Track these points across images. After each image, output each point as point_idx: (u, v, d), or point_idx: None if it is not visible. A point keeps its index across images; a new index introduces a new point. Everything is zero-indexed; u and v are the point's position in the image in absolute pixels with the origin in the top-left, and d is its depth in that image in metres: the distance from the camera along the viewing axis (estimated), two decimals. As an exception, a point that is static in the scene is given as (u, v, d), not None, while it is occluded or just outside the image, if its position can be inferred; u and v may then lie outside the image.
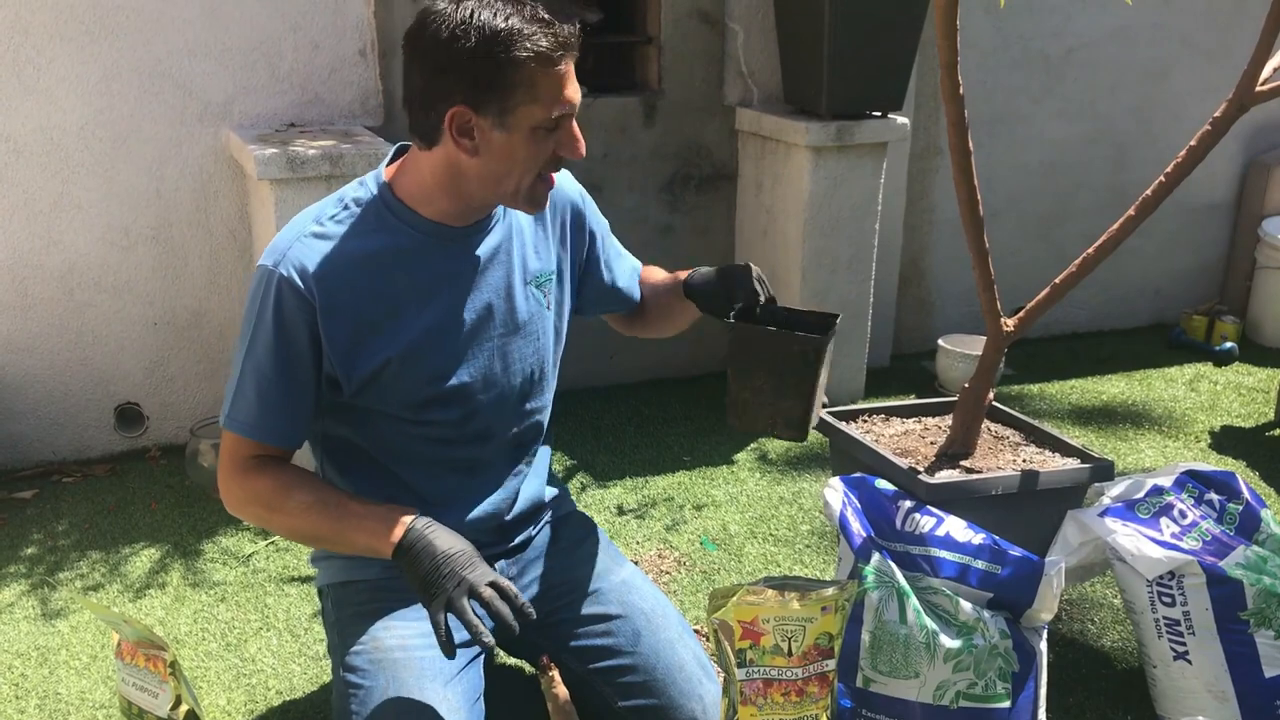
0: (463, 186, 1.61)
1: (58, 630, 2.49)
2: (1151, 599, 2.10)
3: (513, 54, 1.49)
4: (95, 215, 3.15)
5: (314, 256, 1.59)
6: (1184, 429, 3.61)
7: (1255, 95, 1.96)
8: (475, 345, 1.71)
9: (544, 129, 1.55)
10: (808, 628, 1.82)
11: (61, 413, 3.28)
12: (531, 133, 1.55)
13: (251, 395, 1.62)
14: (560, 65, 1.53)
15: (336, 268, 1.59)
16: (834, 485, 2.15)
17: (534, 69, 1.50)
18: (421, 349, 1.66)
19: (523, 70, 1.50)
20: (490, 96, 1.51)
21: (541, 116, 1.53)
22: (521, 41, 1.49)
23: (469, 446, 1.77)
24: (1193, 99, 4.31)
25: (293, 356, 1.60)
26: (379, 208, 1.64)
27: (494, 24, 1.49)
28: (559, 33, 1.52)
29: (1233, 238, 4.69)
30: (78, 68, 3.04)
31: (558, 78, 1.53)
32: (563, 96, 1.54)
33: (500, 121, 1.53)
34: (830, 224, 3.56)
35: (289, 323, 1.58)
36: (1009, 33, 4.04)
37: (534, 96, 1.52)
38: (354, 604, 1.79)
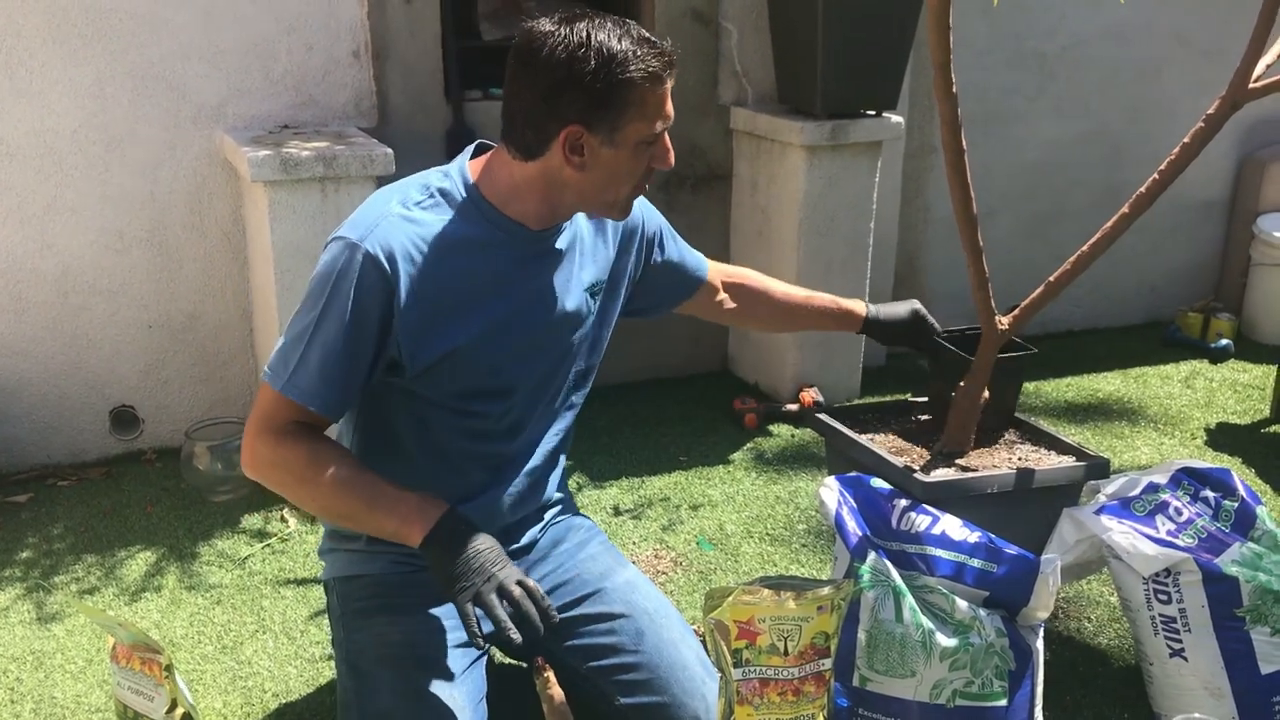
0: (557, 196, 1.67)
1: (53, 634, 2.49)
2: (1147, 596, 2.10)
3: (629, 74, 1.57)
4: (89, 218, 3.15)
5: (400, 238, 1.61)
6: (1180, 426, 3.61)
7: (1248, 92, 1.96)
8: (532, 344, 1.76)
9: (646, 143, 1.63)
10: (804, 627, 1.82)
11: (56, 416, 3.28)
12: (636, 148, 1.62)
13: (315, 365, 1.63)
14: (664, 85, 1.61)
15: (420, 252, 1.62)
16: (829, 484, 2.15)
17: (646, 88, 1.58)
18: (486, 342, 1.70)
19: (636, 90, 1.58)
20: (605, 115, 1.59)
21: (647, 132, 1.61)
22: (637, 63, 1.57)
23: (499, 441, 1.81)
24: (1187, 97, 4.31)
25: (362, 333, 1.62)
26: (464, 201, 1.68)
27: (611, 46, 1.56)
28: (664, 52, 1.61)
29: (1228, 234, 4.70)
30: (71, 70, 3.03)
31: (664, 95, 1.62)
32: (665, 112, 1.63)
33: (610, 139, 1.60)
34: (825, 223, 3.56)
35: (366, 300, 1.60)
36: (1003, 31, 4.04)
37: (643, 114, 1.60)
38: (360, 598, 1.80)
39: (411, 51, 3.38)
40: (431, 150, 3.43)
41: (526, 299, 1.73)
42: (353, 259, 1.59)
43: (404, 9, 3.33)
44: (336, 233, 1.64)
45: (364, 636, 1.74)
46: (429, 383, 1.70)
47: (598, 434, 3.47)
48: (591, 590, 1.86)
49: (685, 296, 2.12)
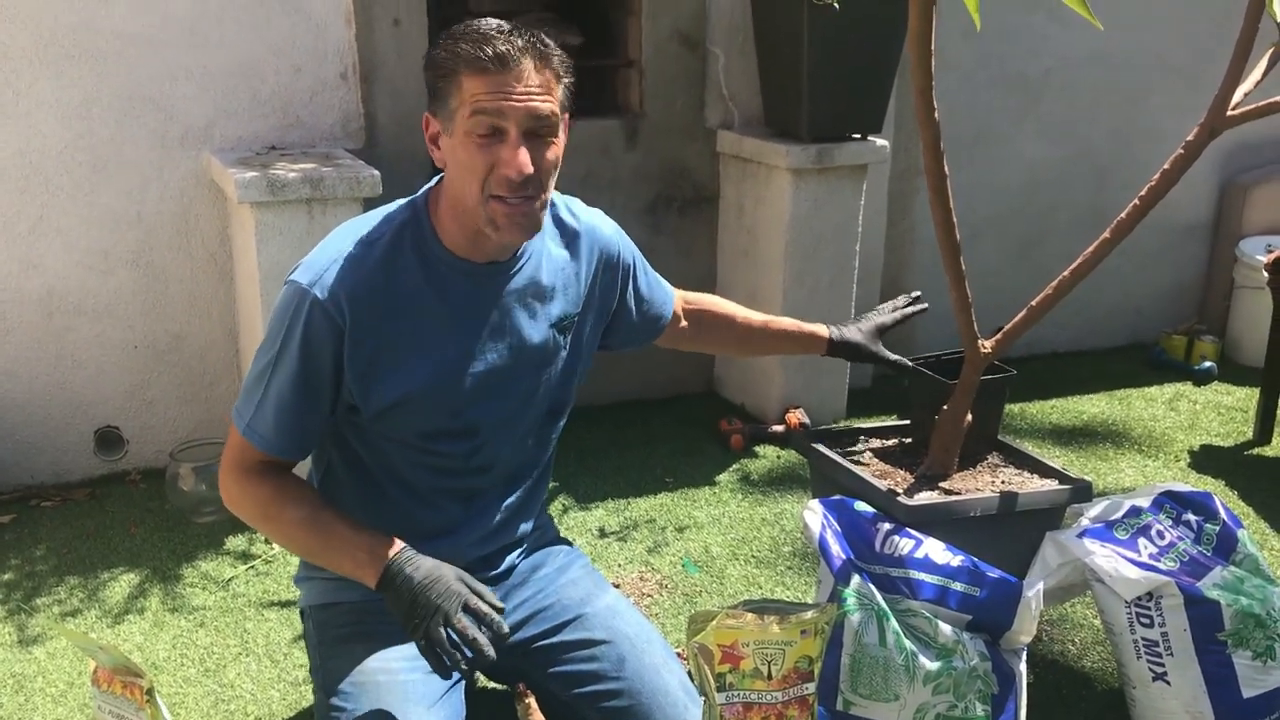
0: (455, 206, 1.65)
1: (34, 657, 2.47)
2: (1130, 620, 2.11)
3: (444, 54, 1.56)
4: (75, 239, 3.15)
5: (350, 281, 1.60)
6: (1163, 448, 3.63)
7: (1226, 120, 1.98)
8: (493, 383, 1.73)
9: (477, 135, 1.55)
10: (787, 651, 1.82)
11: (40, 436, 3.26)
12: (465, 137, 1.56)
13: (270, 411, 1.65)
14: (491, 71, 1.54)
15: (369, 294, 1.61)
16: (813, 508, 2.15)
17: (464, 73, 1.54)
18: (441, 384, 1.68)
19: (456, 75, 1.55)
20: (438, 101, 1.58)
21: (470, 121, 1.55)
22: (459, 43, 1.55)
23: (470, 477, 1.80)
24: (1171, 120, 4.35)
25: (313, 380, 1.63)
26: (416, 235, 1.66)
27: (450, 32, 1.58)
28: (499, 41, 1.54)
29: (1211, 257, 4.73)
30: (58, 91, 3.04)
31: (489, 83, 1.54)
32: (490, 103, 1.54)
33: (447, 126, 1.58)
34: (811, 245, 3.58)
35: (316, 347, 1.61)
36: (987, 54, 4.07)
37: (462, 99, 1.55)
38: (337, 626, 1.79)
39: (399, 73, 3.39)
40: (419, 172, 3.44)
41: (482, 338, 1.71)
42: (302, 305, 1.60)
43: (392, 31, 3.34)
44: (293, 272, 1.64)
45: (340, 664, 1.72)
46: (388, 424, 1.70)
47: (583, 455, 3.47)
48: (572, 616, 1.86)
49: (655, 334, 2.09)
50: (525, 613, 1.87)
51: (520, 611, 1.88)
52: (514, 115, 1.54)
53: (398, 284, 1.63)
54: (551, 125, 1.59)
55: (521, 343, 1.74)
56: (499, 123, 1.54)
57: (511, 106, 1.54)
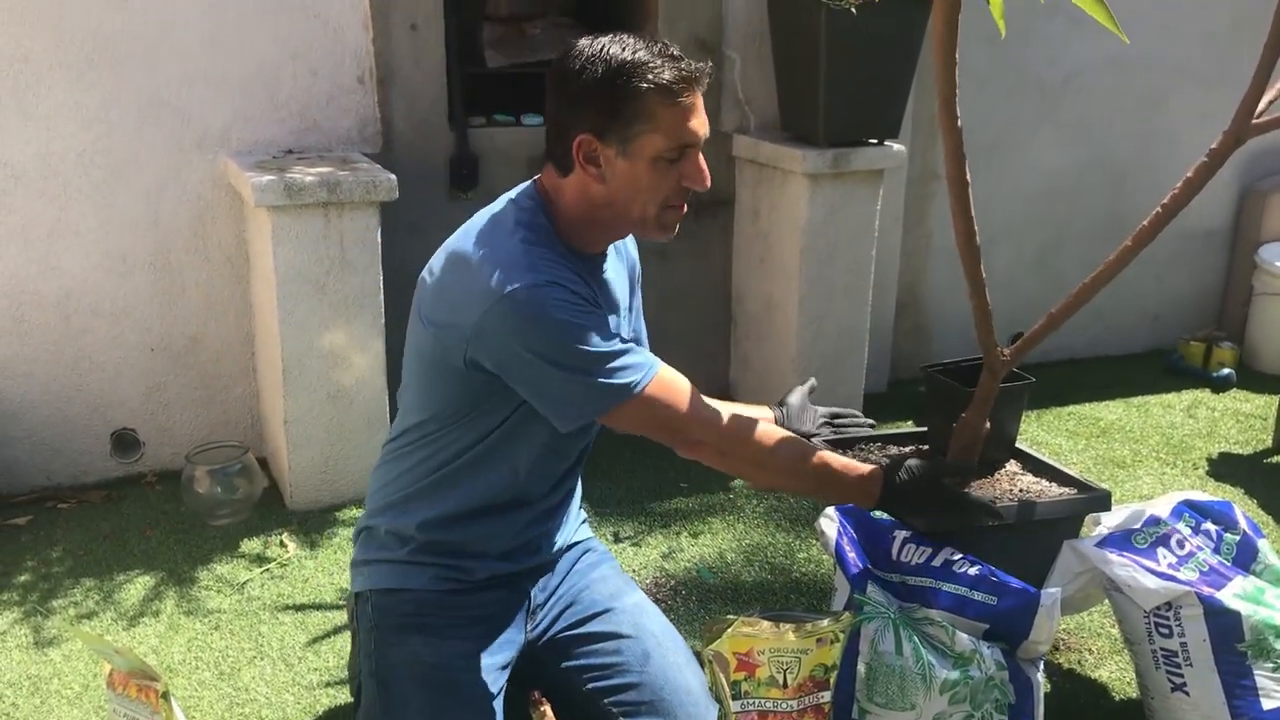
0: (598, 214, 1.71)
1: (50, 659, 2.48)
2: (1149, 630, 2.10)
3: (634, 84, 1.59)
4: (93, 241, 3.16)
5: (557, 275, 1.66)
6: (1182, 456, 3.60)
7: (1251, 128, 1.96)
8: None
9: (666, 159, 1.64)
10: (803, 659, 1.82)
11: (58, 438, 3.28)
12: (653, 162, 1.64)
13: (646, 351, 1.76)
14: (682, 98, 1.62)
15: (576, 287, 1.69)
16: (830, 515, 2.14)
17: (655, 100, 1.60)
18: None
19: (643, 100, 1.60)
20: (613, 125, 1.61)
21: (662, 146, 1.62)
22: (644, 73, 1.60)
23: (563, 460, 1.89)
24: (1190, 126, 4.32)
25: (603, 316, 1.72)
26: (547, 237, 1.71)
27: (620, 56, 1.60)
28: (683, 67, 1.62)
29: (1230, 264, 4.70)
30: (77, 95, 3.05)
31: (680, 110, 1.62)
32: (684, 128, 1.63)
33: (623, 149, 1.63)
34: (827, 251, 3.57)
35: (590, 305, 1.69)
36: (1005, 60, 4.05)
37: (654, 126, 1.61)
38: (398, 613, 1.79)
39: (416, 78, 3.40)
40: (435, 177, 3.44)
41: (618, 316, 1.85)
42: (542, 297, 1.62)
43: (409, 36, 3.35)
44: (510, 284, 1.61)
45: (398, 653, 1.74)
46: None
47: (598, 460, 3.46)
48: (601, 609, 1.87)
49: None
50: (557, 603, 1.89)
51: (554, 603, 1.90)
52: (700, 135, 1.66)
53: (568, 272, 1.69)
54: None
55: (619, 321, 1.85)
56: (691, 142, 1.64)
57: (699, 129, 1.65)
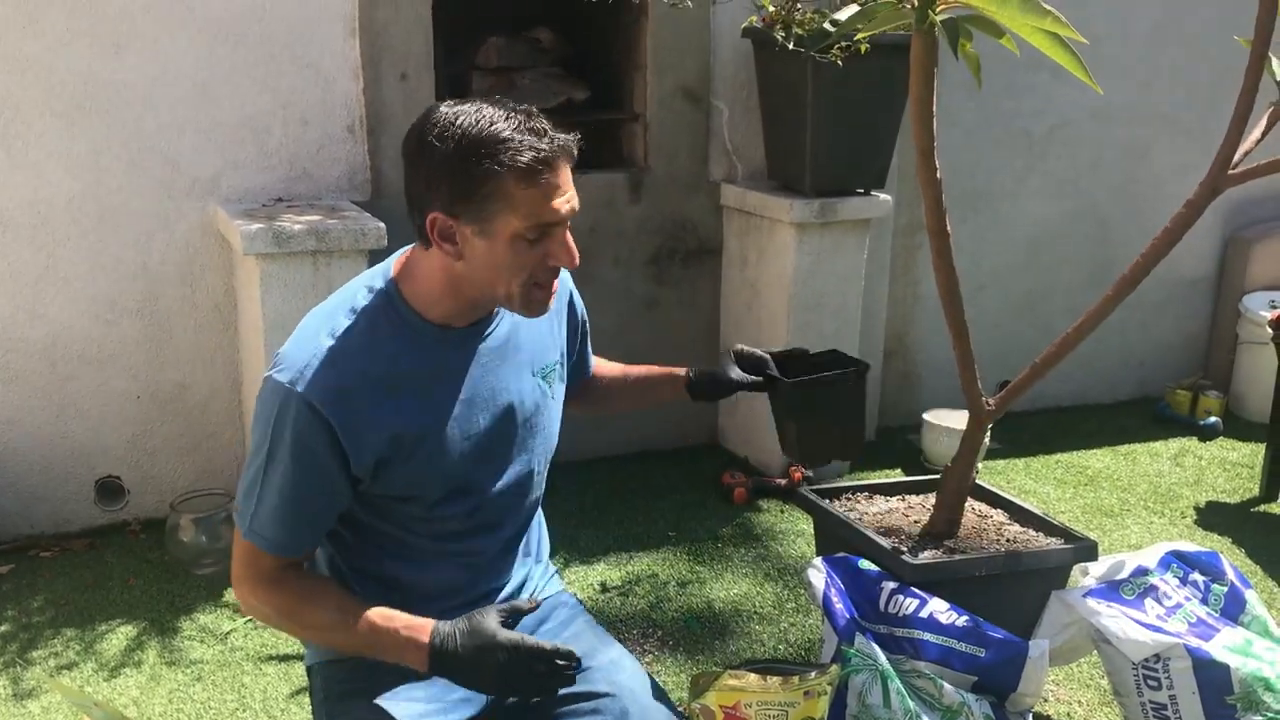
0: (461, 289, 1.60)
1: (29, 712, 2.44)
2: (1138, 682, 2.09)
3: (485, 166, 1.46)
4: (81, 288, 3.16)
5: (332, 375, 1.54)
6: (1169, 504, 3.60)
7: (1228, 179, 1.99)
8: (489, 442, 1.69)
9: (526, 238, 1.51)
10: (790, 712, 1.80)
11: (41, 486, 3.25)
12: (513, 241, 1.51)
13: (274, 512, 1.59)
14: (542, 179, 1.49)
15: (354, 385, 1.55)
16: (817, 565, 2.14)
17: (511, 182, 1.47)
18: (439, 452, 1.64)
19: (498, 182, 1.47)
20: (467, 204, 1.49)
21: (521, 227, 1.50)
22: (498, 153, 1.46)
23: (473, 539, 1.76)
24: (1174, 176, 4.37)
25: (315, 474, 1.57)
26: (390, 315, 1.60)
27: (474, 132, 1.47)
28: (543, 147, 1.49)
29: (1215, 312, 4.73)
30: (66, 142, 3.06)
31: (539, 191, 1.49)
32: (544, 210, 1.50)
33: (480, 229, 1.50)
34: (814, 299, 3.58)
35: (310, 443, 1.54)
36: (990, 111, 4.10)
37: (512, 208, 1.48)
38: (344, 681, 1.76)
39: (407, 127, 3.40)
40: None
41: (474, 398, 1.66)
42: (288, 405, 1.54)
43: (400, 85, 3.37)
44: (272, 369, 1.57)
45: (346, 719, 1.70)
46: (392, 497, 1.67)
47: (585, 508, 3.45)
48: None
49: (576, 388, 1.97)
50: None
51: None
52: (563, 215, 1.53)
53: (383, 368, 1.58)
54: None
55: (511, 396, 1.70)
56: (552, 222, 1.52)
57: (561, 208, 1.52)
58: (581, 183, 1.92)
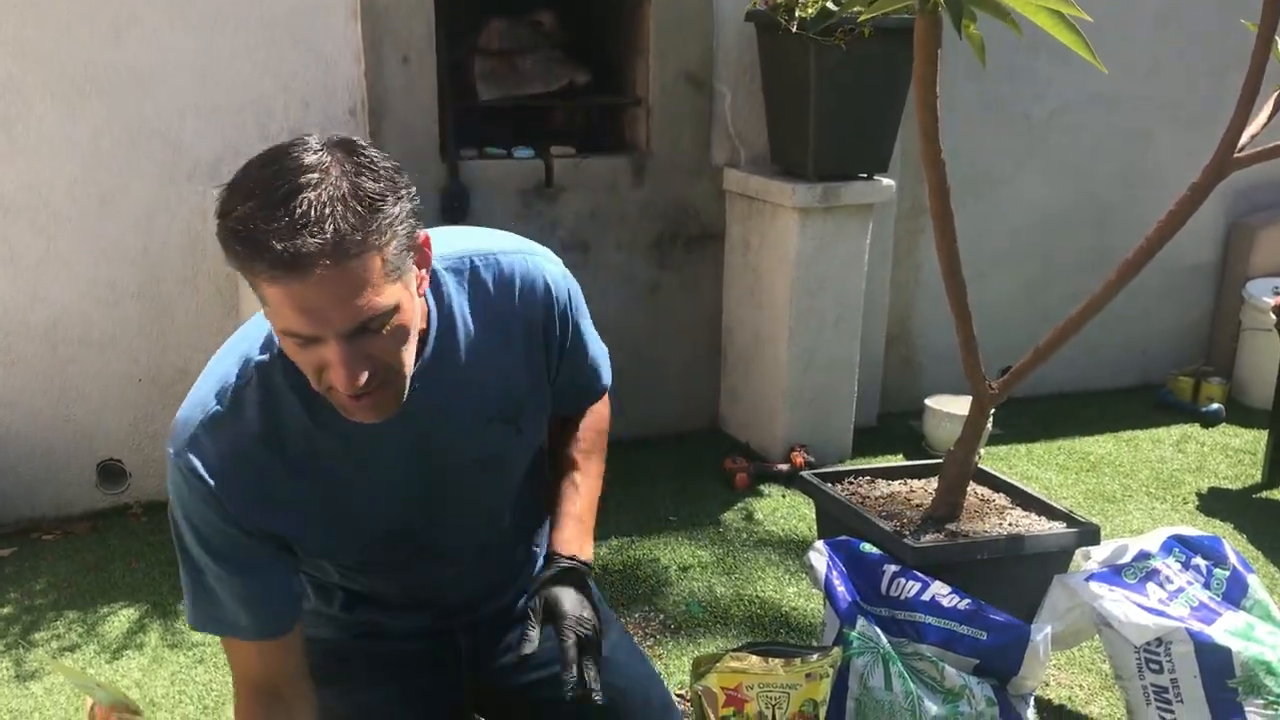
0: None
1: (31, 693, 2.45)
2: (1139, 665, 2.09)
3: (229, 242, 1.16)
4: (81, 271, 3.15)
5: (217, 446, 1.32)
6: (1171, 490, 3.60)
7: (1233, 162, 1.98)
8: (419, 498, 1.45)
9: (291, 338, 1.19)
10: (792, 694, 1.80)
11: (43, 469, 3.25)
12: (281, 335, 1.21)
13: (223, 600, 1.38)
14: (282, 280, 1.13)
15: (243, 455, 1.32)
16: (819, 549, 2.14)
17: (253, 274, 1.15)
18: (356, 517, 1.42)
19: (248, 272, 1.16)
20: (242, 274, 1.19)
21: (275, 325, 1.20)
22: (236, 237, 1.14)
23: (425, 572, 1.57)
24: (1176, 162, 4.35)
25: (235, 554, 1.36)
26: (282, 369, 1.33)
27: (228, 197, 1.18)
28: (279, 244, 1.11)
29: (1218, 299, 4.72)
30: (67, 125, 3.05)
31: (284, 295, 1.14)
32: (284, 314, 1.16)
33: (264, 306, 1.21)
34: (817, 284, 3.57)
35: (210, 522, 1.34)
36: (991, 96, 4.08)
37: (263, 298, 1.18)
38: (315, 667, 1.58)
39: (408, 110, 3.41)
40: (425, 208, 3.43)
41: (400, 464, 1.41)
42: (178, 480, 1.34)
43: (401, 69, 3.36)
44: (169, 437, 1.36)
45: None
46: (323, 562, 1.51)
47: (588, 493, 3.45)
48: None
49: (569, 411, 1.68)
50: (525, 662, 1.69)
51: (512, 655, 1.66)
52: (324, 330, 1.17)
53: (275, 433, 1.34)
54: (382, 317, 1.19)
55: (447, 447, 1.44)
56: (297, 333, 1.18)
57: (317, 324, 1.16)
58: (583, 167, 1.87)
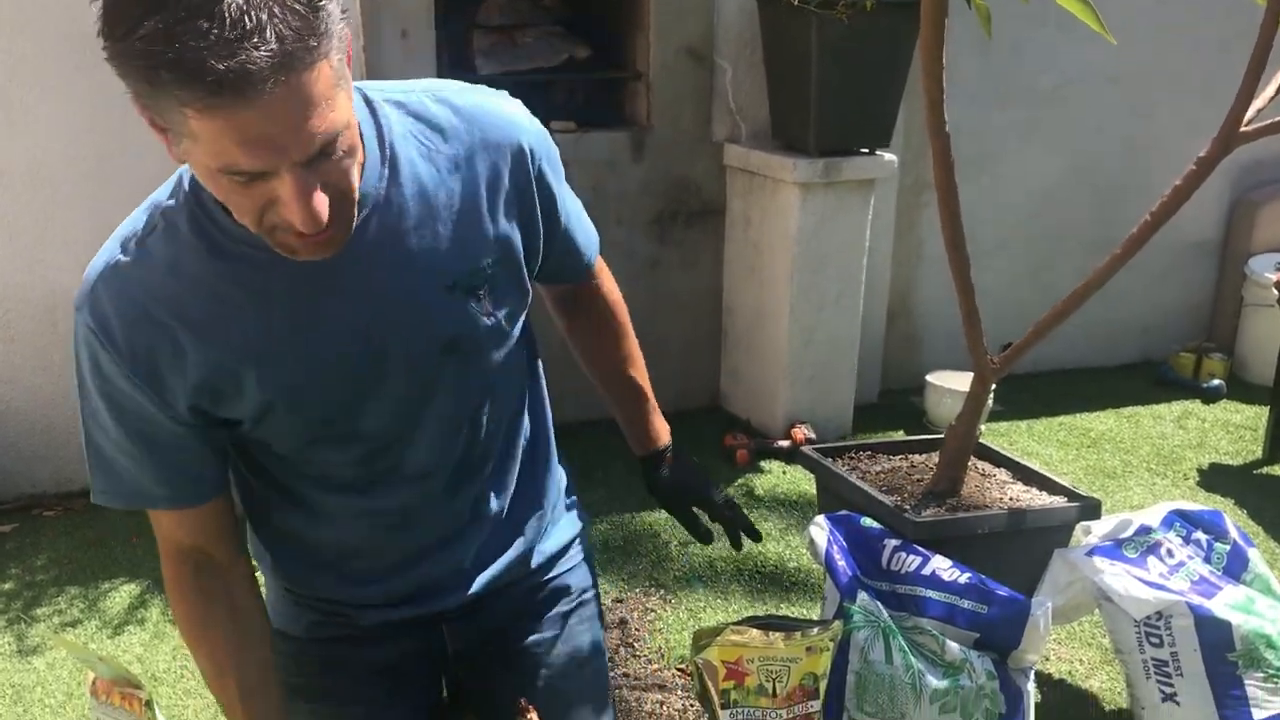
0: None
1: (33, 667, 2.45)
2: (1139, 639, 2.09)
3: (142, 64, 0.93)
4: (80, 245, 3.14)
5: (121, 299, 1.16)
6: (1172, 466, 3.60)
7: (1240, 135, 1.97)
8: (365, 380, 1.24)
9: (218, 173, 1.00)
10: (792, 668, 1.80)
11: (43, 445, 3.25)
12: (207, 172, 1.01)
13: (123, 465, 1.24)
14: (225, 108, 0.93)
15: (151, 310, 1.16)
16: (820, 523, 2.13)
17: (181, 104, 0.93)
18: (290, 392, 1.22)
19: (166, 94, 0.93)
20: (149, 112, 0.98)
21: (209, 163, 0.99)
22: (147, 61, 0.92)
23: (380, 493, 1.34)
24: (1180, 137, 4.32)
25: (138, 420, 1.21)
26: (196, 217, 1.16)
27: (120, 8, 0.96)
28: (220, 60, 0.90)
29: (1220, 275, 4.71)
30: (66, 98, 3.03)
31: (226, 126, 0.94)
32: (230, 154, 0.97)
33: (175, 140, 0.99)
34: (818, 260, 3.56)
35: (114, 385, 1.19)
36: (995, 70, 4.06)
37: (191, 135, 0.96)
38: (280, 671, 1.40)
39: (407, 85, 3.38)
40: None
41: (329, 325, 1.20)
42: (80, 338, 1.19)
43: (400, 43, 3.34)
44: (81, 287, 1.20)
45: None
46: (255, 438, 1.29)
47: (589, 469, 3.45)
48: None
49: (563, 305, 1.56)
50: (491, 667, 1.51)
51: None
52: (278, 161, 0.99)
53: (191, 286, 1.16)
54: (338, 136, 1.02)
55: (395, 319, 1.22)
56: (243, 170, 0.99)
57: (270, 156, 0.98)
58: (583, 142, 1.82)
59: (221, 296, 1.17)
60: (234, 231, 1.14)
